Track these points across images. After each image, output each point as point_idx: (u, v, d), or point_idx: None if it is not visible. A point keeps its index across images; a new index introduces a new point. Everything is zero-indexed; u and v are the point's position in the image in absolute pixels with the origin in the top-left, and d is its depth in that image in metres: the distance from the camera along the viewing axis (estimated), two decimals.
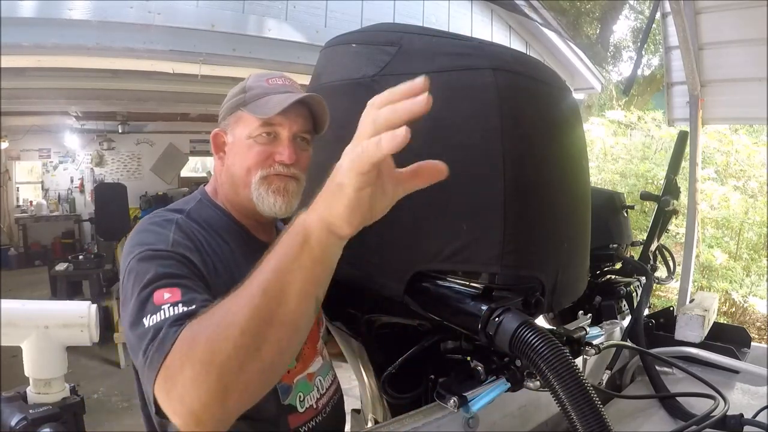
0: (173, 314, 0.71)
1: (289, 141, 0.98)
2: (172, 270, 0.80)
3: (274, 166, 0.98)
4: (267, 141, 0.98)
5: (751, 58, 2.54)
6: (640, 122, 7.17)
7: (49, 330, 0.72)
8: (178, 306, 0.72)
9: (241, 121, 0.99)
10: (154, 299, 0.74)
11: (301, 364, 1.05)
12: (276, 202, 0.98)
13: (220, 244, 0.96)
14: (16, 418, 0.54)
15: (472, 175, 0.95)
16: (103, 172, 8.88)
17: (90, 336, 0.94)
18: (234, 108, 1.01)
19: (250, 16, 3.18)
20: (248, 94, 1.00)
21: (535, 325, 0.84)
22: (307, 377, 1.06)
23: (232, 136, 1.01)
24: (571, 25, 11.11)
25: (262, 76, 1.03)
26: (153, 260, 0.81)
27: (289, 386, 1.01)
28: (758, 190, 5.81)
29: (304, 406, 1.03)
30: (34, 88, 4.45)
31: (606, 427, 0.74)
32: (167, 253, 0.83)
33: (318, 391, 1.08)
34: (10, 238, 8.30)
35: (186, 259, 0.84)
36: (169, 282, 0.76)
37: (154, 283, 0.76)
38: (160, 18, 2.85)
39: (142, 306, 0.74)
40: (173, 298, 0.73)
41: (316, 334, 1.13)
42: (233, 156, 1.01)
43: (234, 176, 1.00)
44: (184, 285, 0.77)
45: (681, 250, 3.19)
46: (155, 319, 0.71)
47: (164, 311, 0.71)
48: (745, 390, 1.54)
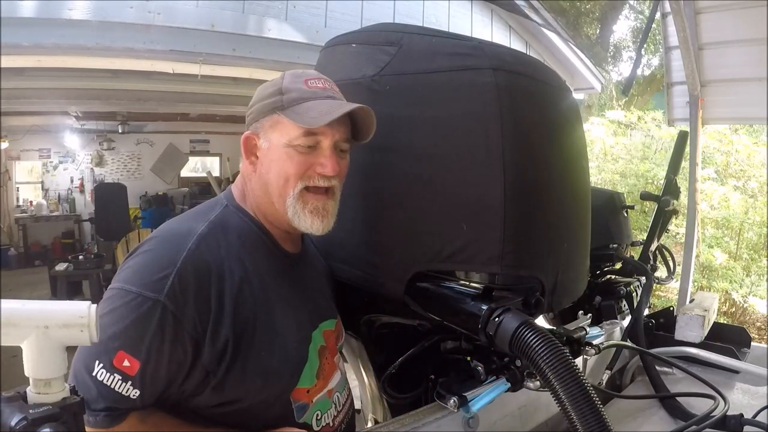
0: (120, 392, 0.79)
1: (331, 151, 0.93)
2: (145, 337, 0.80)
3: (314, 178, 0.93)
4: (307, 151, 0.92)
5: (751, 58, 2.54)
6: (640, 122, 7.17)
7: (49, 330, 0.72)
8: (127, 383, 0.79)
9: (278, 126, 0.92)
10: (114, 359, 0.79)
11: (321, 381, 1.00)
12: (314, 223, 0.94)
13: (247, 261, 0.92)
14: (16, 418, 0.54)
15: (472, 175, 0.96)
16: (103, 172, 8.86)
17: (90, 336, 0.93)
18: (269, 111, 0.93)
19: (250, 16, 3.17)
20: (286, 96, 0.92)
21: (535, 325, 0.84)
22: (327, 394, 1.01)
23: (266, 141, 0.94)
24: (571, 25, 11.11)
25: (299, 76, 0.95)
26: (134, 312, 0.80)
27: (306, 405, 0.96)
28: (758, 190, 5.80)
29: (320, 424, 0.98)
30: (34, 88, 4.44)
31: (606, 427, 0.74)
32: (152, 311, 0.80)
33: (335, 408, 1.03)
34: (10, 238, 8.29)
35: (172, 315, 0.81)
36: (134, 350, 0.79)
37: (122, 340, 0.80)
38: (160, 18, 2.84)
39: (103, 352, 0.79)
40: (130, 370, 0.79)
41: (335, 347, 1.07)
42: (269, 163, 0.94)
43: (269, 185, 0.94)
44: (145, 361, 0.80)
45: (681, 250, 3.19)
46: (105, 378, 0.79)
47: (114, 379, 0.79)
48: (745, 390, 1.54)
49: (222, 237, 0.92)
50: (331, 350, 1.04)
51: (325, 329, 1.03)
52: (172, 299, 0.81)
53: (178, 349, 0.82)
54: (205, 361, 0.84)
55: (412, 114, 1.01)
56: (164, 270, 0.83)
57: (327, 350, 1.03)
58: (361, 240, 1.11)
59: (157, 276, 0.82)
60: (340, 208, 0.99)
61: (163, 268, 0.83)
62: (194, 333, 0.83)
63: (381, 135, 0.97)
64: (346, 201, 1.03)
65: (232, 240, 0.93)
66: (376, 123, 0.95)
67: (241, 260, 0.91)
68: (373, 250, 1.08)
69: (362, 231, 1.11)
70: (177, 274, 0.82)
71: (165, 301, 0.80)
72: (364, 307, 1.19)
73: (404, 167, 1.02)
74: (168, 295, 0.81)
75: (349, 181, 1.02)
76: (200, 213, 0.97)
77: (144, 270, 0.84)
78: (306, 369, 0.95)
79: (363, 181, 1.08)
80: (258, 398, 0.90)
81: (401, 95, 1.03)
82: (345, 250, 1.13)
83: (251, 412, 0.90)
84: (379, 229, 1.08)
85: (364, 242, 1.10)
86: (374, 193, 1.08)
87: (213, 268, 0.87)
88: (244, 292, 0.89)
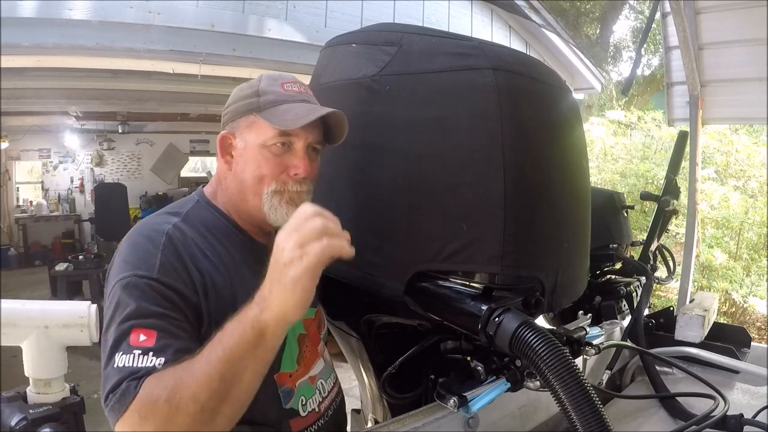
0: (139, 365, 0.75)
1: (304, 153, 0.96)
2: (152, 307, 0.80)
3: (289, 182, 0.96)
4: (281, 151, 0.95)
5: (751, 58, 2.54)
6: (640, 122, 7.17)
7: (49, 330, 0.72)
8: (148, 355, 0.76)
9: (254, 126, 0.96)
10: (130, 339, 0.77)
11: (302, 367, 1.04)
12: (289, 213, 0.94)
13: (218, 249, 0.95)
14: (16, 418, 0.54)
15: (472, 175, 0.95)
16: (103, 172, 8.88)
17: (90, 336, 0.93)
18: (245, 111, 0.97)
19: (250, 16, 3.17)
20: (262, 98, 0.96)
21: (535, 325, 0.84)
22: (309, 380, 1.05)
23: (242, 141, 0.97)
24: (571, 25, 11.11)
25: (275, 79, 0.99)
26: (135, 290, 0.81)
27: (291, 390, 1.00)
28: (758, 190, 5.80)
29: (307, 410, 1.02)
30: (34, 88, 4.45)
31: (606, 427, 0.74)
32: (150, 283, 0.82)
33: (320, 394, 1.07)
34: (10, 238, 8.30)
35: (170, 288, 0.83)
36: (146, 322, 0.79)
37: (132, 319, 0.79)
38: (160, 18, 2.85)
39: (118, 341, 0.78)
40: (147, 342, 0.77)
41: (317, 336, 1.12)
42: (244, 162, 0.97)
43: (244, 183, 0.97)
44: (161, 328, 0.79)
45: (681, 250, 3.19)
46: (125, 360, 0.76)
47: (134, 356, 0.76)
48: (745, 390, 1.53)
49: (193, 228, 0.95)
50: (312, 338, 1.08)
51: (304, 317, 1.04)
52: (165, 274, 0.84)
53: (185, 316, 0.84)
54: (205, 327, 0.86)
55: (412, 114, 1.01)
56: (149, 253, 0.86)
57: (308, 338, 1.06)
58: (360, 240, 1.10)
59: (144, 259, 0.85)
60: (339, 208, 0.99)
61: (148, 252, 0.86)
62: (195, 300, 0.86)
63: (380, 135, 0.97)
64: (346, 201, 1.03)
65: (204, 232, 0.96)
66: (376, 123, 0.95)
67: (214, 247, 0.94)
68: (373, 250, 1.08)
69: (362, 231, 1.10)
70: (161, 254, 0.86)
71: (159, 277, 0.83)
72: (364, 307, 1.19)
73: (404, 167, 1.02)
74: (160, 272, 0.84)
75: (348, 181, 1.02)
76: (172, 209, 1.01)
77: (130, 259, 0.86)
78: (285, 354, 0.99)
79: (363, 181, 1.08)
80: None
81: (401, 95, 1.03)
82: None
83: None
84: (379, 228, 1.08)
85: (363, 242, 1.10)
86: (374, 193, 1.08)
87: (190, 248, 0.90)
88: (217, 279, 0.91)
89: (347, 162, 1.09)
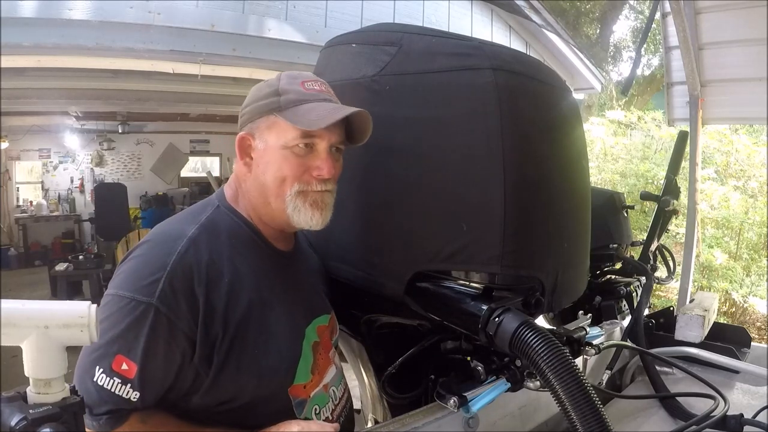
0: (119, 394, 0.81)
1: (327, 154, 0.93)
2: (140, 338, 0.81)
3: (312, 183, 0.93)
4: (304, 152, 0.92)
5: (751, 58, 2.54)
6: (640, 122, 7.17)
7: (49, 330, 0.72)
8: (126, 386, 0.81)
9: (275, 127, 0.92)
10: (113, 363, 0.81)
11: (317, 376, 1.01)
12: (313, 216, 0.94)
13: (237, 263, 0.92)
14: (16, 418, 0.54)
15: (472, 175, 0.95)
16: (103, 172, 8.86)
17: (90, 336, 0.93)
18: (265, 111, 0.93)
19: (250, 16, 3.17)
20: (283, 98, 0.92)
21: (535, 325, 0.84)
22: (323, 389, 1.02)
23: (262, 143, 0.94)
24: (571, 25, 11.10)
25: (295, 77, 0.95)
26: (129, 315, 0.82)
27: (304, 401, 0.97)
28: (758, 190, 5.80)
29: (320, 418, 1.00)
30: (34, 88, 4.44)
31: (606, 427, 0.74)
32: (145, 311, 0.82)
33: (333, 402, 1.05)
34: (10, 238, 8.29)
35: (164, 316, 0.82)
36: (131, 354, 0.81)
37: (119, 343, 0.81)
38: (160, 18, 2.84)
39: (102, 357, 0.81)
40: (128, 373, 0.81)
41: (329, 342, 1.08)
42: (264, 164, 0.93)
43: (265, 186, 0.94)
44: (142, 364, 0.81)
45: (681, 250, 3.19)
46: (105, 382, 0.80)
47: (114, 383, 0.80)
48: (745, 390, 1.53)
49: (213, 239, 0.92)
50: (325, 345, 1.05)
51: (318, 325, 1.04)
52: (164, 302, 0.82)
53: (173, 349, 0.83)
54: (197, 360, 0.85)
55: (412, 114, 1.01)
56: (155, 274, 0.84)
57: (321, 345, 1.04)
58: (361, 240, 1.11)
59: (149, 280, 0.83)
60: (340, 208, 0.99)
61: (154, 272, 0.84)
62: (190, 333, 0.84)
63: (381, 135, 0.97)
64: (346, 201, 1.03)
65: (224, 241, 0.93)
66: (376, 123, 0.95)
67: (233, 261, 0.92)
68: (373, 250, 1.08)
69: (362, 231, 1.11)
70: (167, 277, 0.83)
71: (157, 304, 0.82)
72: (364, 307, 1.19)
73: (404, 167, 1.02)
74: (160, 298, 0.82)
75: (348, 181, 1.02)
76: (192, 214, 0.97)
77: (136, 275, 0.85)
78: (301, 365, 0.97)
79: (363, 181, 1.08)
80: (255, 396, 0.91)
81: (401, 95, 1.03)
82: (345, 250, 1.13)
83: (252, 410, 0.91)
84: (379, 229, 1.08)
85: (364, 242, 1.10)
86: (374, 193, 1.08)
87: (203, 269, 0.87)
88: (236, 292, 0.90)
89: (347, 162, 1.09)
